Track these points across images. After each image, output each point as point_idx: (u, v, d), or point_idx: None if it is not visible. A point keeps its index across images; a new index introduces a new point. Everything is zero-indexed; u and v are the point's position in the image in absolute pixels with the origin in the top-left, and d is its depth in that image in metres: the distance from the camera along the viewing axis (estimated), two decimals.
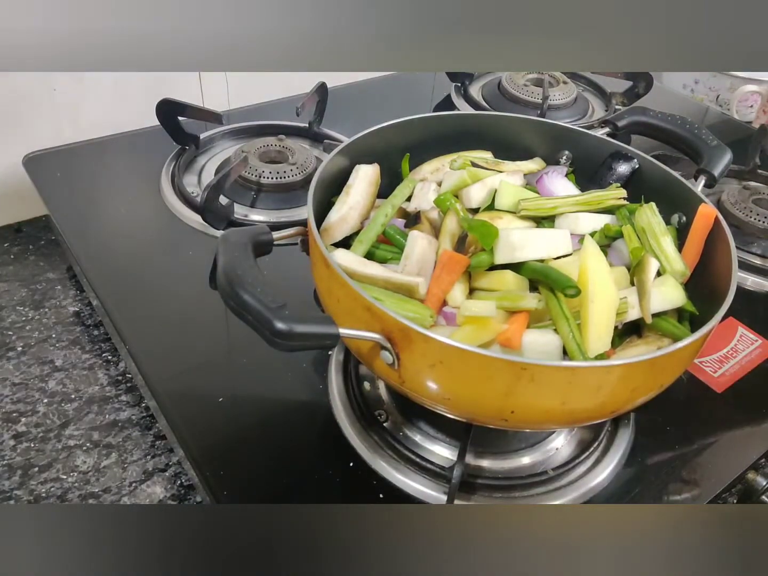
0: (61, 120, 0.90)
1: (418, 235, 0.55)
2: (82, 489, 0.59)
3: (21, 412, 0.64)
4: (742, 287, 0.80)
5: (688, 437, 0.62)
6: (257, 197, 0.83)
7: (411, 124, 0.64)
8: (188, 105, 0.85)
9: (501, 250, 0.53)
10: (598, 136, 0.67)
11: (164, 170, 0.85)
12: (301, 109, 0.89)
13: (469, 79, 1.12)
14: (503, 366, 0.43)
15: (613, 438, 0.60)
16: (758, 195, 0.89)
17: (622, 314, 0.51)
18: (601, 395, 0.45)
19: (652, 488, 0.57)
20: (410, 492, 0.54)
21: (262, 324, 0.41)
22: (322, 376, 0.63)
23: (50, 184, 0.82)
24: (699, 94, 1.31)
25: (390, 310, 0.44)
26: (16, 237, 0.86)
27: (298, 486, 0.55)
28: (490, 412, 0.47)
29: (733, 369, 0.69)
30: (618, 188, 0.62)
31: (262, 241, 0.50)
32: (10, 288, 0.78)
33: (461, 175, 0.61)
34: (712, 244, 0.57)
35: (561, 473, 0.57)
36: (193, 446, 0.56)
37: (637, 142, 0.71)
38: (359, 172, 0.62)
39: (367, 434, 0.58)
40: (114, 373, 0.69)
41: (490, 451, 0.58)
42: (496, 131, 0.68)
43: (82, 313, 0.76)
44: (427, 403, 0.50)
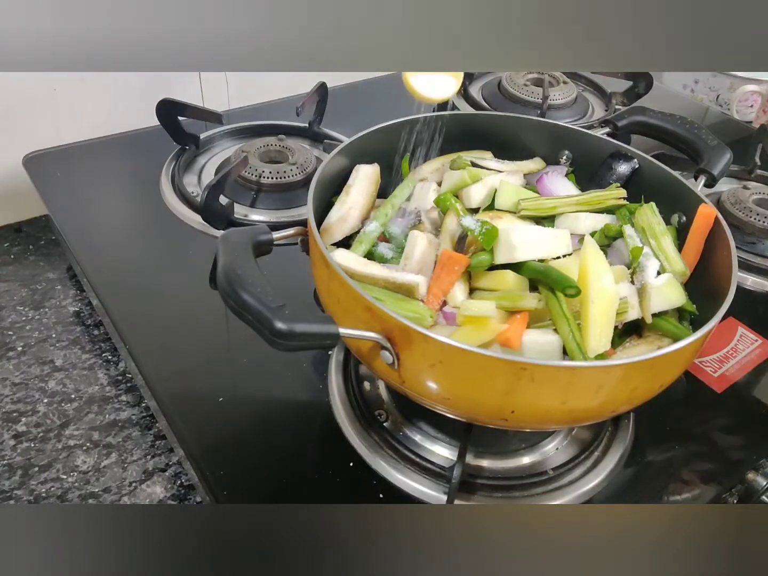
0: (61, 120, 0.90)
1: (418, 235, 0.55)
2: (82, 489, 0.59)
3: (21, 412, 0.64)
4: (742, 287, 0.80)
5: (688, 437, 0.62)
6: (257, 197, 0.83)
7: (411, 124, 0.64)
8: (188, 105, 0.85)
9: (501, 250, 0.53)
10: (598, 136, 0.67)
11: (164, 170, 0.85)
12: (301, 109, 0.89)
13: (469, 79, 1.12)
14: (503, 366, 0.43)
15: (613, 438, 0.60)
16: (758, 195, 0.89)
17: (622, 314, 0.51)
18: (601, 395, 0.45)
19: (652, 488, 0.57)
20: (410, 492, 0.54)
21: (262, 324, 0.41)
22: (322, 376, 0.63)
23: (50, 184, 0.82)
24: (699, 94, 1.31)
25: (390, 310, 0.44)
26: (16, 237, 0.86)
27: (298, 486, 0.55)
28: (490, 412, 0.47)
29: (733, 369, 0.69)
30: (618, 188, 0.62)
31: (262, 241, 0.50)
32: (10, 288, 0.78)
33: (461, 175, 0.61)
34: (712, 244, 0.57)
35: (561, 473, 0.57)
36: (193, 446, 0.56)
37: (637, 142, 0.71)
38: (359, 172, 0.62)
39: (367, 434, 0.58)
40: (114, 373, 0.69)
41: (490, 451, 0.58)
42: (496, 131, 0.68)
43: (82, 313, 0.76)
44: (427, 403, 0.50)
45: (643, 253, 0.56)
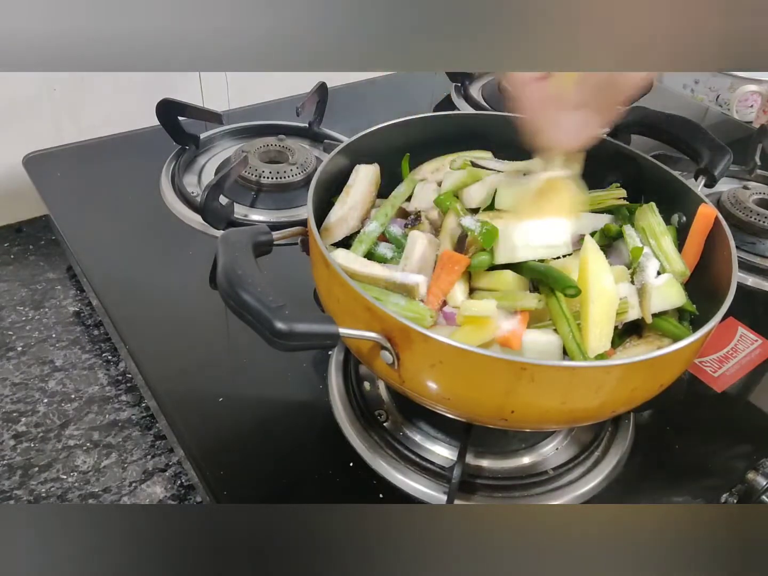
0: (61, 120, 0.90)
1: (418, 235, 0.55)
2: (82, 489, 0.59)
3: (21, 412, 0.64)
4: (742, 287, 0.80)
5: (688, 437, 0.62)
6: (257, 197, 0.83)
7: (411, 124, 0.64)
8: (188, 105, 0.85)
9: (501, 250, 0.53)
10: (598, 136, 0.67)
11: (164, 170, 0.85)
12: (301, 109, 0.89)
13: (469, 79, 1.12)
14: (503, 366, 0.43)
15: (613, 438, 0.60)
16: (758, 195, 0.89)
17: (622, 314, 0.51)
18: (601, 395, 0.45)
19: (652, 488, 0.57)
20: (410, 492, 0.54)
21: (262, 324, 0.41)
22: (322, 376, 0.63)
23: (50, 184, 0.82)
24: (699, 94, 1.31)
25: (390, 310, 0.44)
26: (16, 237, 0.86)
27: (298, 486, 0.55)
28: (490, 412, 0.47)
29: (733, 369, 0.69)
30: (618, 188, 0.62)
31: (262, 241, 0.50)
32: (10, 288, 0.78)
33: (461, 175, 0.61)
34: (712, 244, 0.57)
35: (561, 473, 0.57)
36: (193, 446, 0.56)
37: (637, 142, 0.71)
38: (359, 172, 0.62)
39: (367, 434, 0.58)
40: (114, 373, 0.69)
41: (490, 451, 0.58)
42: (496, 131, 0.68)
43: (82, 313, 0.76)
44: (427, 403, 0.50)
45: (643, 253, 0.56)
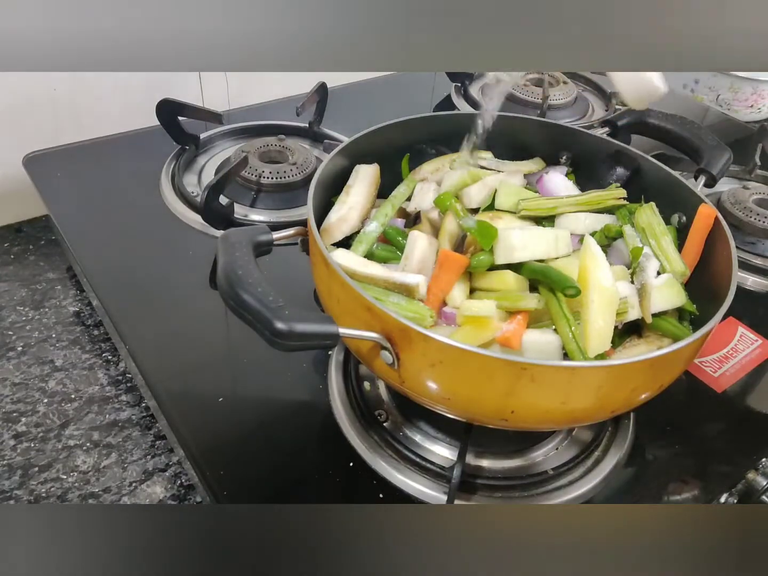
0: (61, 120, 0.90)
1: (418, 235, 0.55)
2: (82, 489, 0.59)
3: (21, 412, 0.64)
4: (742, 287, 0.80)
5: (688, 437, 0.62)
6: (257, 197, 0.82)
7: (411, 124, 0.64)
8: (188, 105, 0.85)
9: (501, 250, 0.53)
10: (598, 136, 0.67)
11: (164, 170, 0.85)
12: (301, 109, 0.89)
13: (469, 79, 1.12)
14: (503, 366, 0.43)
15: (613, 438, 0.60)
16: (758, 195, 0.89)
17: (622, 314, 0.51)
18: (601, 395, 0.45)
19: (652, 488, 0.57)
20: (410, 492, 0.54)
21: (262, 324, 0.41)
22: (322, 376, 0.63)
23: (50, 184, 0.82)
24: (699, 94, 1.31)
25: (390, 310, 0.44)
26: (16, 237, 0.86)
27: (298, 486, 0.55)
28: (490, 412, 0.47)
29: (733, 369, 0.69)
30: (618, 188, 0.62)
31: (262, 241, 0.50)
32: (10, 288, 0.78)
33: (461, 175, 0.61)
34: (712, 244, 0.57)
35: (561, 473, 0.57)
36: (193, 446, 0.56)
37: (637, 142, 0.71)
38: (359, 172, 0.62)
39: (367, 434, 0.58)
40: (114, 373, 0.69)
41: (490, 451, 0.58)
42: (496, 131, 0.68)
43: (82, 313, 0.76)
44: (427, 403, 0.50)
45: (643, 253, 0.56)
